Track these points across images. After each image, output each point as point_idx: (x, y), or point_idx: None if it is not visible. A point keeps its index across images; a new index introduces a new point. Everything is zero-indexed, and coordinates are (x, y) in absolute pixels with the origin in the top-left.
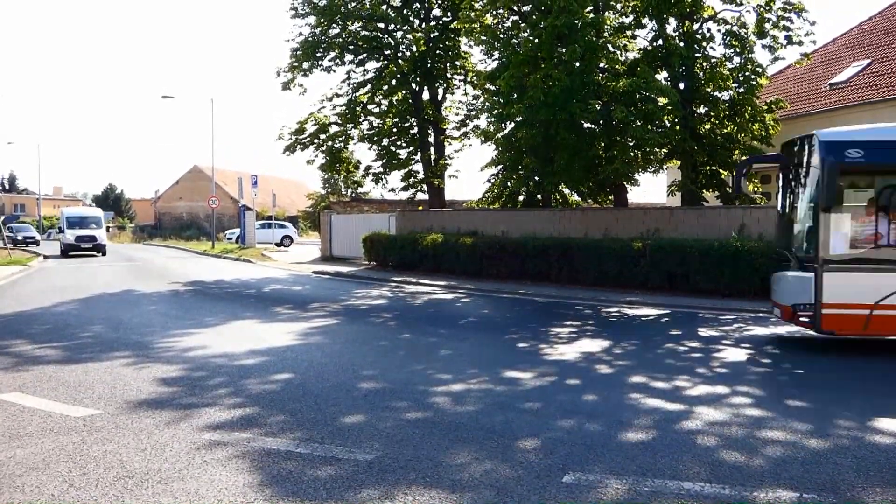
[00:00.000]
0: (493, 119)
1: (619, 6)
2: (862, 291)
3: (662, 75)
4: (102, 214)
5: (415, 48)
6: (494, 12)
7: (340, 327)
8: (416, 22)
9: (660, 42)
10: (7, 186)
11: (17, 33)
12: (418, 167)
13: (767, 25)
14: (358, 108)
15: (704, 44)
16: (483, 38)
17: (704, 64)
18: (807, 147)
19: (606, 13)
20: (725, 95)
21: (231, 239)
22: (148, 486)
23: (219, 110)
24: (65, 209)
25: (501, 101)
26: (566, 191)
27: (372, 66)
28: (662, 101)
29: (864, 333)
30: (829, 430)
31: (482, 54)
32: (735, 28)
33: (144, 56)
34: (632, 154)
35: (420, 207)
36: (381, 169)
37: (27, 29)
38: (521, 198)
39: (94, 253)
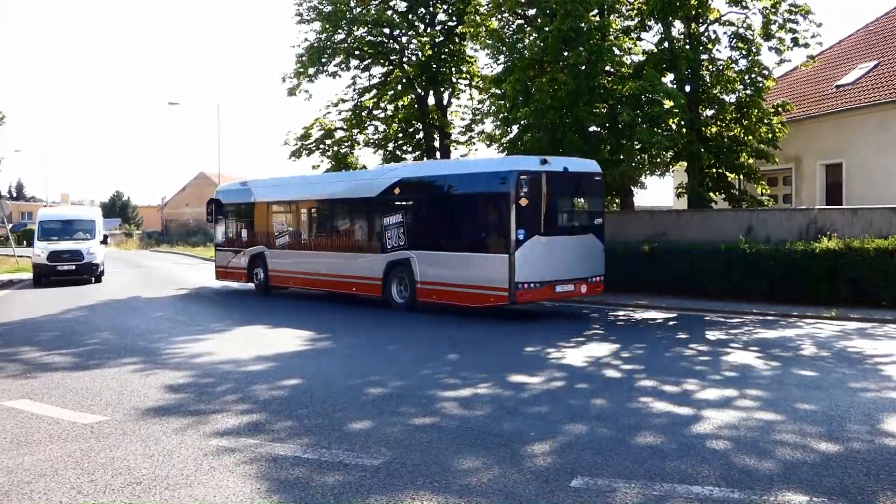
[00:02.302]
0: (498, 123)
1: (624, 9)
2: (225, 259)
3: (668, 78)
4: (99, 218)
5: (420, 53)
6: (500, 16)
7: (347, 332)
8: (422, 27)
9: (665, 45)
10: (15, 194)
11: (24, 41)
12: None
13: (773, 27)
14: (363, 114)
15: (710, 46)
16: (488, 42)
17: (710, 66)
18: None
19: (612, 17)
20: (732, 98)
21: None
22: (156, 492)
23: (225, 116)
24: (42, 210)
25: (507, 104)
26: None
27: (377, 71)
28: (668, 103)
29: (225, 280)
30: (840, 433)
31: (488, 58)
32: (741, 30)
33: (150, 63)
34: (638, 157)
35: None
36: None
37: (33, 37)
38: None
39: (85, 278)
